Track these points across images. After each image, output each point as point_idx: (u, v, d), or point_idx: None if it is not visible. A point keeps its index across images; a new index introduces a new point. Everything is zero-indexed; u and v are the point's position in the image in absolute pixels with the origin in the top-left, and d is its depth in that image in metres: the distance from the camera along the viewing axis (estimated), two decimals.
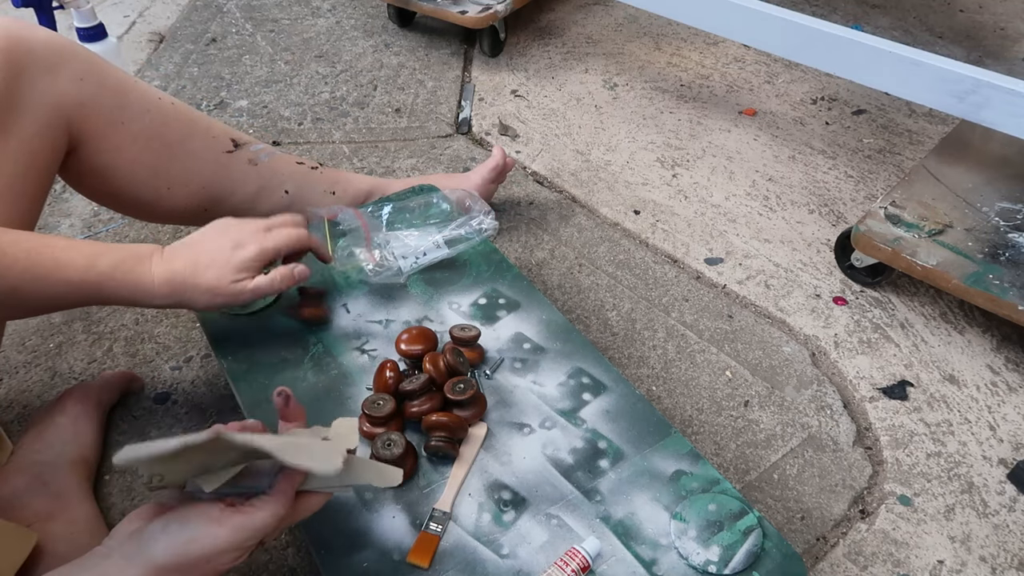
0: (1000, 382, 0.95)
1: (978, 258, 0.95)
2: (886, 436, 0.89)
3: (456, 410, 0.68)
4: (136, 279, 0.65)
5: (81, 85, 0.74)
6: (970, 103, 0.97)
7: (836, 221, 1.18)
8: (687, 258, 1.11)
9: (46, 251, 0.63)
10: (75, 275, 0.63)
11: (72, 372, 0.93)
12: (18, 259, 0.61)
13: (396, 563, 0.59)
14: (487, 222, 0.88)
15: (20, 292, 0.61)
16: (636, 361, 0.96)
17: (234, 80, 1.48)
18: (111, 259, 0.65)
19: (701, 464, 0.67)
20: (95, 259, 0.64)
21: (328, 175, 0.96)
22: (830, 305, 1.05)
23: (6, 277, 0.60)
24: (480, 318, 0.80)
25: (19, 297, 0.62)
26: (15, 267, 0.61)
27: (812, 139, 1.35)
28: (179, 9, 1.73)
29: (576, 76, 1.51)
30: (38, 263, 0.62)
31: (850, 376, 0.96)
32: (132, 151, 0.79)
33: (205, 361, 0.94)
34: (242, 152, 0.87)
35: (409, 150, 1.31)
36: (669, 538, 0.61)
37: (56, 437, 0.79)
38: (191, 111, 0.85)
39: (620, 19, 1.71)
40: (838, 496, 0.83)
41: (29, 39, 0.71)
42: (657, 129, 1.37)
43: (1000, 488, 0.84)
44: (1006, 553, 0.78)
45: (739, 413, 0.90)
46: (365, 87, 1.47)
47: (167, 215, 0.87)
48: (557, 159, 1.30)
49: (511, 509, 0.63)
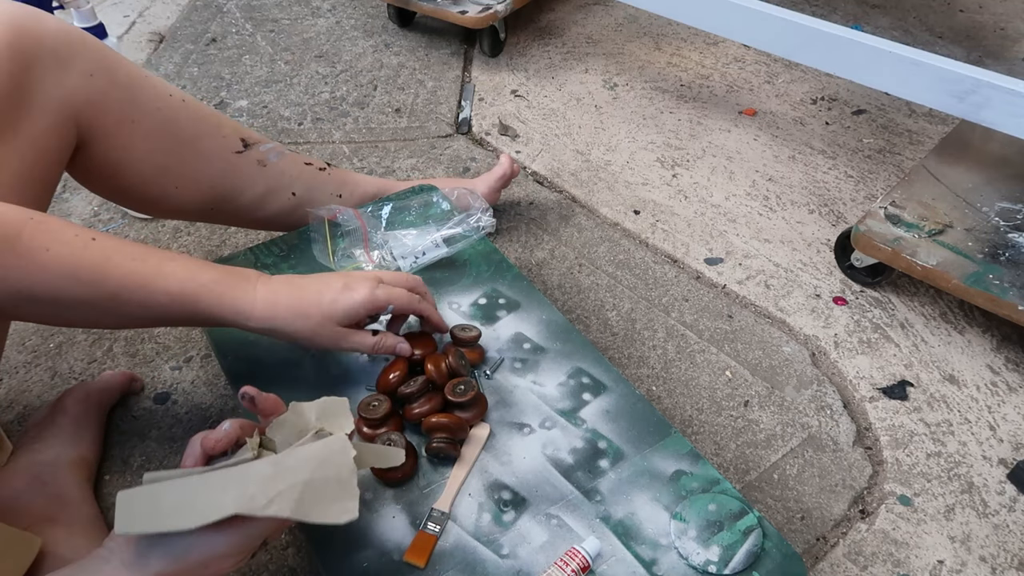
0: (1000, 382, 0.95)
1: (978, 258, 0.95)
2: (886, 436, 0.89)
3: (457, 411, 0.68)
4: (237, 296, 0.64)
5: (91, 81, 0.72)
6: (970, 103, 0.97)
7: (836, 221, 1.18)
8: (687, 258, 1.11)
9: (150, 259, 0.62)
10: (175, 285, 0.62)
11: (72, 372, 0.93)
12: (121, 264, 0.60)
13: (396, 563, 0.59)
14: (484, 219, 0.88)
15: (119, 298, 0.60)
16: (636, 361, 0.96)
17: (234, 80, 1.48)
18: (214, 274, 0.64)
19: (701, 464, 0.66)
20: (198, 271, 0.63)
21: (336, 177, 0.95)
22: (830, 305, 1.05)
23: (107, 282, 0.60)
24: (480, 318, 0.80)
25: (117, 303, 0.61)
26: (117, 272, 0.60)
27: (812, 139, 1.35)
28: (179, 9, 1.73)
29: (576, 76, 1.51)
30: (140, 270, 0.61)
31: (850, 376, 0.96)
32: (141, 149, 0.78)
33: (205, 361, 0.94)
34: (251, 152, 0.86)
35: (409, 150, 1.31)
36: (669, 538, 0.61)
37: (56, 437, 0.79)
38: (201, 108, 0.84)
39: (620, 19, 1.71)
40: (838, 496, 0.83)
41: (39, 31, 0.68)
42: (657, 129, 1.37)
43: (1000, 488, 0.84)
44: (1006, 553, 0.78)
45: (739, 413, 0.90)
46: (365, 87, 1.47)
47: (174, 212, 0.87)
48: (557, 159, 1.30)
49: (511, 509, 0.63)
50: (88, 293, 0.59)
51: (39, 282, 0.58)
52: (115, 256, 0.60)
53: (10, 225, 0.57)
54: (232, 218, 0.91)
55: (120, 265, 0.60)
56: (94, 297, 0.60)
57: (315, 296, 0.66)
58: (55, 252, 0.58)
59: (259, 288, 0.65)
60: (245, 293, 0.64)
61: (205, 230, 1.14)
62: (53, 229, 0.59)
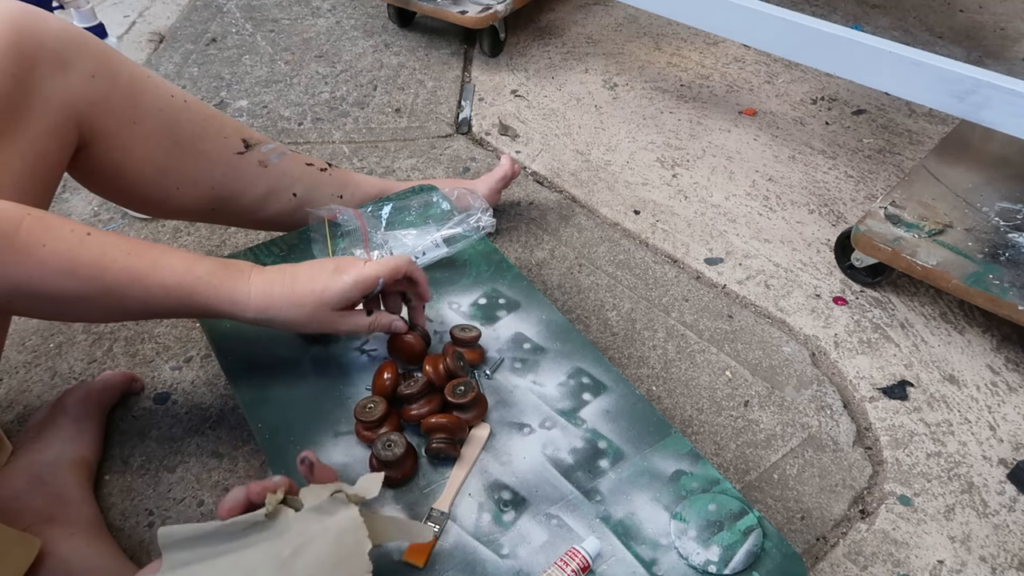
0: (1000, 382, 0.95)
1: (978, 258, 0.95)
2: (886, 436, 0.89)
3: (457, 412, 0.68)
4: (233, 287, 0.64)
5: (93, 82, 0.72)
6: (970, 103, 0.97)
7: (836, 221, 1.18)
8: (687, 258, 1.11)
9: (146, 253, 0.62)
10: (171, 278, 0.62)
11: (72, 372, 0.93)
12: (117, 259, 0.61)
13: (395, 563, 0.59)
14: (484, 219, 0.88)
15: (115, 292, 0.61)
16: (636, 361, 0.96)
17: (234, 80, 1.48)
18: (209, 266, 0.64)
19: (701, 464, 0.66)
20: (193, 264, 0.64)
21: (337, 177, 0.95)
22: (830, 305, 1.05)
23: (103, 277, 0.60)
24: (480, 318, 0.80)
25: (113, 297, 0.61)
26: (113, 266, 0.60)
27: (812, 139, 1.35)
28: (179, 9, 1.73)
29: (576, 76, 1.51)
30: (136, 264, 0.61)
31: (850, 376, 0.96)
32: (143, 150, 0.78)
33: (205, 361, 0.94)
34: (253, 153, 0.86)
35: (409, 150, 1.31)
36: (669, 538, 0.61)
37: (56, 437, 0.79)
38: (204, 108, 0.84)
39: (620, 19, 1.71)
40: (838, 496, 0.83)
41: (40, 32, 0.68)
42: (657, 129, 1.37)
43: (1000, 488, 0.84)
44: (1006, 553, 0.78)
45: (739, 413, 0.90)
46: (365, 87, 1.47)
47: (175, 213, 0.87)
48: (557, 159, 1.30)
49: (511, 509, 0.63)
50: (85, 287, 0.60)
51: (36, 277, 0.58)
52: (111, 251, 0.61)
53: (8, 221, 0.57)
54: (233, 219, 0.91)
55: (116, 259, 0.61)
56: (90, 291, 0.60)
57: (308, 283, 0.66)
58: (52, 247, 0.58)
59: (253, 279, 0.66)
60: (240, 284, 0.65)
61: (205, 230, 1.14)
62: (50, 225, 0.59)
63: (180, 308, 0.64)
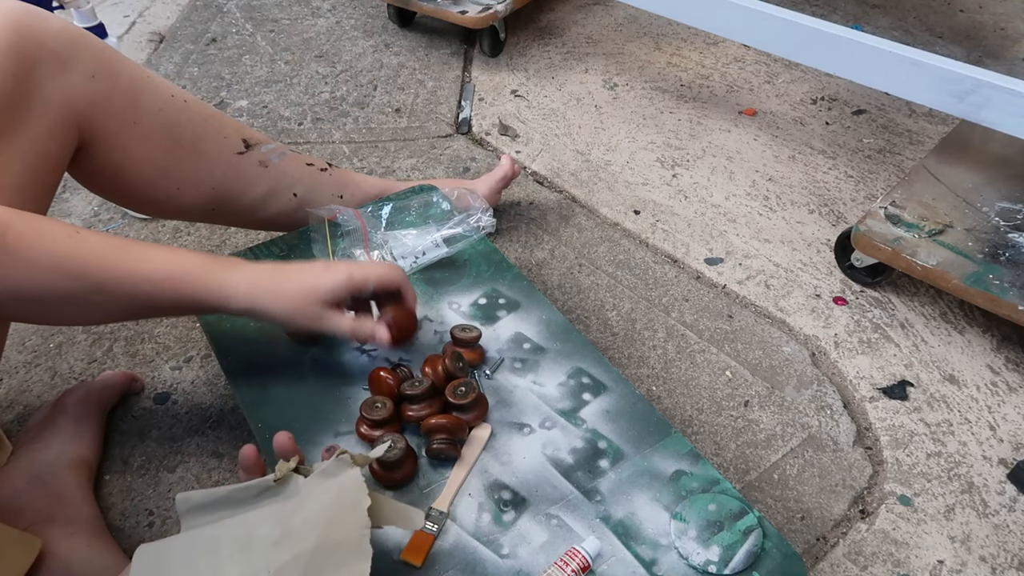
0: (1000, 382, 0.95)
1: (978, 258, 0.95)
2: (886, 436, 0.89)
3: (457, 413, 0.68)
4: (223, 279, 0.65)
5: (93, 83, 0.72)
6: (970, 103, 0.97)
7: (836, 221, 1.18)
8: (687, 258, 1.11)
9: (134, 250, 0.63)
10: (159, 273, 0.63)
11: (72, 372, 0.93)
12: (106, 256, 0.61)
13: (394, 562, 0.59)
14: (484, 219, 0.88)
15: (105, 290, 0.61)
16: (636, 361, 0.96)
17: (234, 80, 1.48)
18: (196, 259, 0.65)
19: (701, 464, 0.66)
20: (181, 258, 0.64)
21: (337, 177, 0.95)
22: (830, 305, 1.05)
23: (92, 275, 0.61)
24: (480, 318, 0.80)
25: (103, 295, 0.62)
26: (101, 264, 0.61)
27: (812, 139, 1.35)
28: (179, 9, 1.73)
29: (576, 76, 1.51)
30: (124, 260, 0.62)
31: (850, 376, 0.96)
32: (143, 150, 0.78)
33: (205, 361, 0.94)
34: (253, 154, 0.86)
35: (409, 150, 1.31)
36: (669, 538, 0.61)
37: (56, 437, 0.79)
38: (204, 108, 0.84)
39: (620, 19, 1.71)
40: (838, 496, 0.83)
41: (41, 32, 0.68)
42: (657, 129, 1.37)
43: (1000, 488, 0.84)
44: (1006, 553, 0.78)
45: (739, 413, 0.90)
46: (365, 87, 1.47)
47: (176, 213, 0.87)
48: (557, 159, 1.30)
49: (511, 509, 0.63)
50: (74, 287, 0.60)
51: (25, 278, 0.59)
52: (99, 249, 0.61)
53: None
54: (233, 219, 0.91)
55: (104, 257, 0.61)
56: (80, 290, 0.61)
57: (296, 276, 0.67)
58: (40, 248, 0.59)
59: (243, 271, 0.66)
60: (228, 275, 0.65)
61: (205, 230, 1.14)
62: (37, 227, 0.60)
63: (169, 303, 0.65)
